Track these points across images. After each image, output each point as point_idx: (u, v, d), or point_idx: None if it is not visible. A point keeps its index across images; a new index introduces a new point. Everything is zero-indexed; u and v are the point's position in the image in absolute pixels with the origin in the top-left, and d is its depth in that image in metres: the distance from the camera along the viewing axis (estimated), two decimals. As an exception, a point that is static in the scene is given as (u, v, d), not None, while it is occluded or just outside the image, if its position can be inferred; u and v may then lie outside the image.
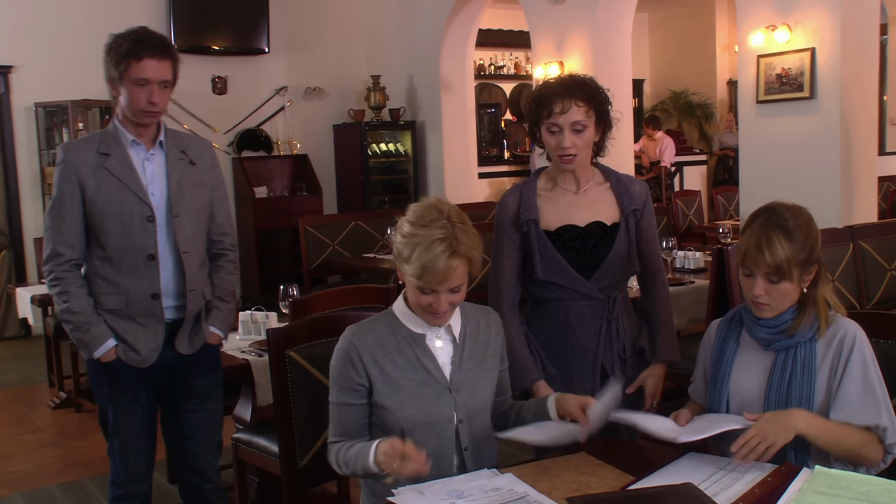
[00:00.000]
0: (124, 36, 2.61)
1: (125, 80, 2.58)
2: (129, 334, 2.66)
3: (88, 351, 2.65)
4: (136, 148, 2.67)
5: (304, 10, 9.13)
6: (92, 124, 7.80)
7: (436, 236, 1.95)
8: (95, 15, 7.85)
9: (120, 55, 2.58)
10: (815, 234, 2.06)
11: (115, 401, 2.72)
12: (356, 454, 2.00)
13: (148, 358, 2.68)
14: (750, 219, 2.10)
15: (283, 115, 8.99)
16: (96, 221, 2.62)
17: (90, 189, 2.60)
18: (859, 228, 4.26)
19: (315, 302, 3.12)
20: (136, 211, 2.62)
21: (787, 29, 5.88)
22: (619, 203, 2.59)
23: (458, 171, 9.23)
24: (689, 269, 4.84)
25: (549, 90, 2.51)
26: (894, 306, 4.03)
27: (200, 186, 2.76)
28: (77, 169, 2.60)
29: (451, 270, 1.95)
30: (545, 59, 7.84)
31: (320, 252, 6.55)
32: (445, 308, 2.01)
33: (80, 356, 5.42)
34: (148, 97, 2.59)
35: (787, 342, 2.07)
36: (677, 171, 11.41)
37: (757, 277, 2.04)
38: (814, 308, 2.08)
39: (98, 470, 4.39)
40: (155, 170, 2.69)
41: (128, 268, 2.64)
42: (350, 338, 2.08)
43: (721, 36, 12.49)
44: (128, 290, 2.65)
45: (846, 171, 5.80)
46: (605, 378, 2.58)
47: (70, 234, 2.62)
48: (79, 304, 2.62)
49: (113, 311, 2.66)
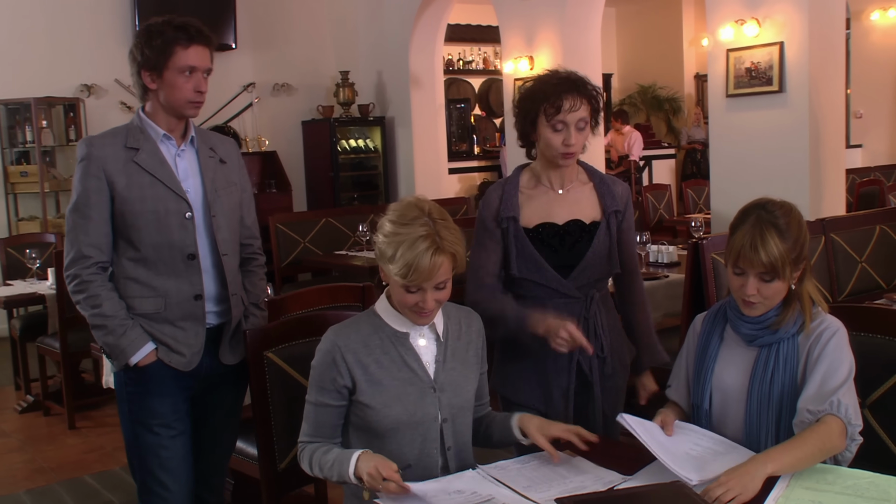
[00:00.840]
0: (163, 23, 2.44)
1: (170, 68, 2.42)
2: (168, 337, 2.47)
3: (125, 356, 2.43)
4: (166, 143, 2.50)
5: (271, 5, 9.05)
6: (56, 122, 7.68)
7: (419, 234, 1.93)
8: (58, 11, 7.72)
9: (165, 42, 2.40)
10: (805, 231, 2.05)
11: (151, 415, 2.49)
12: (334, 461, 1.98)
13: (192, 361, 2.50)
14: (740, 216, 2.07)
15: (252, 111, 8.90)
16: (128, 221, 2.42)
17: (120, 185, 2.41)
18: (830, 221, 4.29)
19: (291, 301, 3.07)
20: (172, 208, 2.45)
21: (755, 23, 5.92)
22: (602, 203, 2.57)
23: (429, 167, 9.21)
24: (663, 263, 4.85)
25: (552, 86, 2.44)
26: (866, 298, 4.06)
27: (232, 186, 2.61)
28: (104, 164, 2.40)
29: (436, 267, 1.93)
30: (515, 53, 7.83)
31: (291, 250, 6.49)
32: (432, 306, 1.99)
33: (47, 358, 5.34)
34: (195, 86, 2.45)
35: (771, 338, 2.06)
36: (646, 165, 11.49)
37: (749, 276, 2.02)
38: (798, 304, 2.07)
39: (68, 474, 4.31)
40: (188, 167, 2.52)
41: (165, 268, 2.46)
42: (333, 337, 2.06)
43: (688, 30, 12.60)
44: (166, 293, 2.46)
45: (815, 164, 5.86)
46: (582, 376, 2.56)
47: (97, 235, 2.42)
48: (112, 307, 2.42)
49: (148, 315, 2.46)
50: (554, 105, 2.41)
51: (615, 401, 2.65)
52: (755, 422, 2.05)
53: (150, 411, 2.49)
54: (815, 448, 1.88)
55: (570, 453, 2.08)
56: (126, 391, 2.52)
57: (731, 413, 2.11)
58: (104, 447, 4.71)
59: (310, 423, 2.09)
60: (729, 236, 2.08)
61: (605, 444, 2.37)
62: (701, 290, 3.60)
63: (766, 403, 2.04)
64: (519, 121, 2.55)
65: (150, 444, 2.50)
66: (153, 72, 2.44)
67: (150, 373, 2.47)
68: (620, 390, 2.67)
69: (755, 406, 2.06)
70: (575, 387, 2.56)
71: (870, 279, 4.26)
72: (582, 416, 2.57)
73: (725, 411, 2.13)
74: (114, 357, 2.46)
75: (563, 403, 2.56)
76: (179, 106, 2.46)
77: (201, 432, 2.63)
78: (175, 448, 2.51)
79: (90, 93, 7.87)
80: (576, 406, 2.57)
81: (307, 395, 2.09)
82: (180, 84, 2.43)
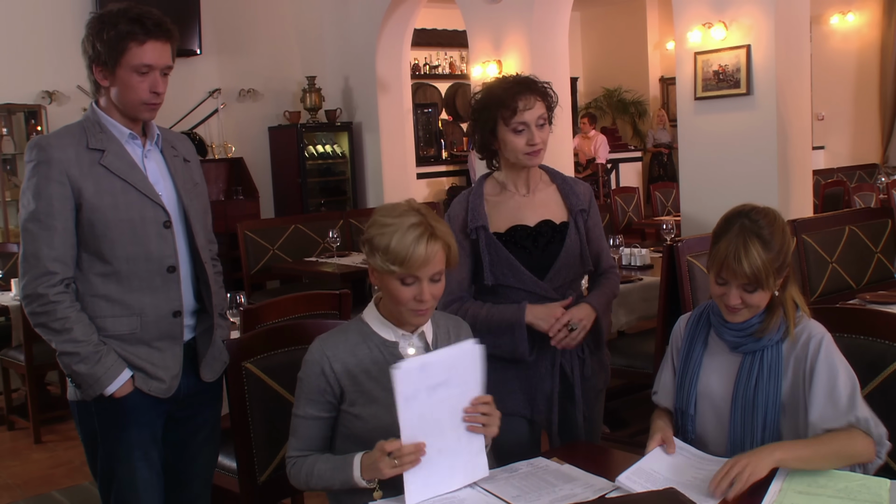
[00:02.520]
0: (118, 13, 2.17)
1: (123, 66, 2.17)
2: (144, 361, 2.24)
3: (100, 386, 2.18)
4: (132, 143, 2.27)
5: (235, 10, 8.95)
6: (17, 130, 7.52)
7: (411, 221, 1.91)
8: (19, 17, 7.56)
9: (117, 37, 2.15)
10: (788, 238, 2.03)
11: (130, 449, 2.25)
12: (333, 467, 1.93)
13: (172, 386, 2.28)
14: (723, 225, 2.04)
15: (217, 117, 8.79)
16: (98, 231, 2.18)
17: (88, 192, 2.16)
18: (802, 222, 4.32)
19: (267, 310, 3.02)
20: (148, 216, 2.23)
21: (723, 26, 5.96)
22: (567, 203, 2.58)
23: (397, 172, 9.17)
24: (636, 266, 4.85)
25: (504, 91, 2.46)
26: (838, 298, 4.10)
27: (197, 187, 2.40)
28: (67, 168, 2.15)
29: (431, 254, 1.90)
30: (483, 58, 7.82)
31: (260, 257, 6.41)
32: (429, 298, 1.95)
33: (11, 371, 5.22)
34: (151, 86, 2.20)
35: (755, 345, 2.05)
36: (613, 168, 11.55)
37: (731, 287, 2.01)
38: (782, 310, 2.06)
39: (35, 490, 4.21)
40: (157, 169, 2.30)
41: (140, 283, 2.23)
42: (320, 347, 2.01)
43: (652, 34, 12.71)
44: (142, 310, 2.23)
45: (783, 165, 5.92)
46: (565, 379, 2.55)
47: (63, 248, 2.17)
48: (83, 331, 2.17)
49: (122, 336, 2.23)
50: (510, 108, 2.43)
51: (595, 402, 2.65)
52: (739, 428, 2.04)
53: (127, 444, 2.26)
54: (831, 450, 1.89)
55: (557, 460, 2.06)
56: (98, 421, 2.26)
57: (715, 419, 2.10)
58: (72, 461, 4.61)
59: (298, 437, 2.03)
60: (712, 244, 2.06)
61: (589, 448, 2.36)
62: (677, 292, 3.61)
63: (749, 410, 2.03)
64: (478, 132, 2.55)
65: (127, 476, 2.27)
66: (105, 68, 2.20)
67: (127, 404, 2.23)
68: (599, 391, 2.68)
69: (739, 413, 2.05)
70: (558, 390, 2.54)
71: (840, 279, 4.30)
72: (563, 419, 2.57)
73: (709, 417, 2.12)
74: (85, 387, 2.20)
75: (547, 407, 2.55)
76: (133, 107, 2.23)
77: (182, 456, 2.42)
78: (152, 476, 2.31)
79: (52, 99, 7.71)
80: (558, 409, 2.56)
81: (294, 409, 2.04)
82: (134, 84, 2.19)
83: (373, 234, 1.95)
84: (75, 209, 2.19)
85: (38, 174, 2.17)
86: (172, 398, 2.31)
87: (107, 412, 2.24)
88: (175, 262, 2.28)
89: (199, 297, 2.38)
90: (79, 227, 2.20)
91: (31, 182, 2.18)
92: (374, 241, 1.94)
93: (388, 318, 2.03)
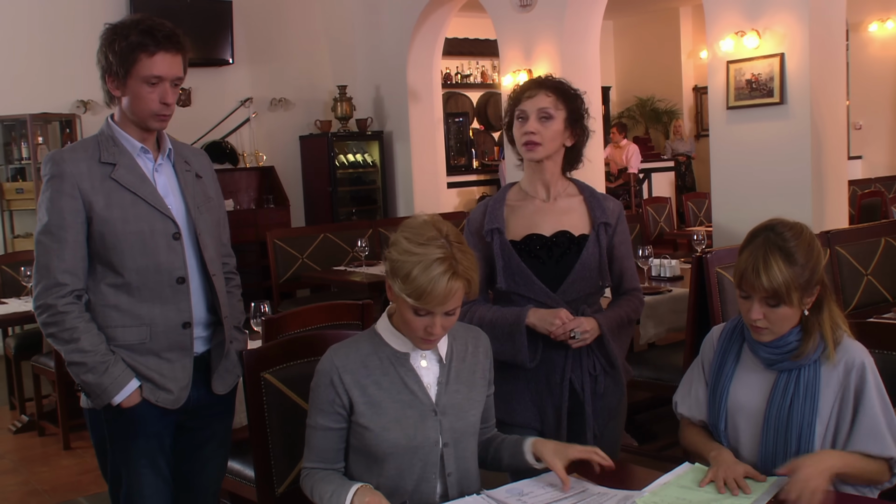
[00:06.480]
0: (129, 25, 2.22)
1: (133, 77, 2.22)
2: (153, 372, 2.27)
3: (107, 396, 2.21)
4: (143, 157, 2.31)
5: (268, 20, 9.01)
6: (52, 138, 7.62)
7: (435, 256, 1.84)
8: (54, 26, 7.68)
9: (128, 48, 2.19)
10: (816, 254, 1.98)
11: (137, 457, 2.28)
12: (332, 492, 1.91)
13: (180, 397, 2.30)
14: (748, 238, 2.02)
15: (249, 126, 8.86)
16: (109, 244, 2.22)
17: (99, 205, 2.21)
18: (836, 234, 4.24)
19: (289, 320, 3.00)
20: (158, 228, 2.26)
21: (756, 35, 5.88)
22: (591, 215, 2.53)
23: (427, 181, 9.16)
24: (666, 278, 4.78)
25: (520, 88, 2.58)
26: (872, 311, 4.01)
27: (210, 202, 2.43)
28: (79, 182, 2.20)
29: (451, 292, 1.85)
30: (514, 66, 7.79)
31: (289, 265, 6.43)
32: (439, 332, 1.92)
33: (42, 377, 5.27)
34: (161, 97, 2.24)
35: (791, 364, 2.01)
36: (645, 178, 11.45)
37: (754, 301, 1.97)
38: (819, 330, 2.00)
39: (62, 497, 4.24)
40: (167, 182, 2.34)
41: (150, 294, 2.26)
42: (331, 357, 1.99)
43: (686, 43, 12.59)
44: (152, 321, 2.26)
45: (817, 176, 5.81)
46: (574, 395, 2.50)
47: (73, 260, 2.21)
48: (91, 341, 2.20)
49: (131, 346, 2.26)
50: (517, 99, 2.52)
51: (608, 422, 2.58)
52: (771, 446, 2.00)
53: (135, 452, 2.30)
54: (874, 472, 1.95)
55: (577, 476, 2.02)
56: (108, 430, 2.32)
57: (746, 435, 2.06)
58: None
59: (311, 448, 2.01)
60: (738, 257, 2.03)
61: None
62: (706, 304, 3.54)
63: (783, 429, 1.99)
64: (505, 131, 2.64)
65: (134, 483, 2.31)
66: (116, 78, 2.25)
67: (136, 414, 2.27)
68: (613, 411, 2.60)
69: (772, 431, 2.00)
70: (568, 406, 2.49)
71: (876, 292, 4.21)
72: (574, 437, 2.49)
73: (740, 433, 2.08)
74: (93, 396, 2.24)
75: (556, 421, 2.50)
76: (143, 118, 2.26)
77: (190, 468, 2.45)
78: (159, 483, 2.34)
79: (86, 108, 7.82)
80: (569, 427, 2.50)
81: (307, 419, 2.02)
82: (144, 94, 2.23)
83: (395, 258, 1.89)
84: (87, 222, 2.23)
85: (51, 188, 2.22)
86: (182, 409, 2.33)
87: (116, 421, 2.28)
88: (185, 273, 2.31)
89: (212, 309, 2.39)
90: (90, 240, 2.24)
91: (45, 195, 2.24)
92: (396, 265, 1.89)
93: (401, 330, 2.00)
